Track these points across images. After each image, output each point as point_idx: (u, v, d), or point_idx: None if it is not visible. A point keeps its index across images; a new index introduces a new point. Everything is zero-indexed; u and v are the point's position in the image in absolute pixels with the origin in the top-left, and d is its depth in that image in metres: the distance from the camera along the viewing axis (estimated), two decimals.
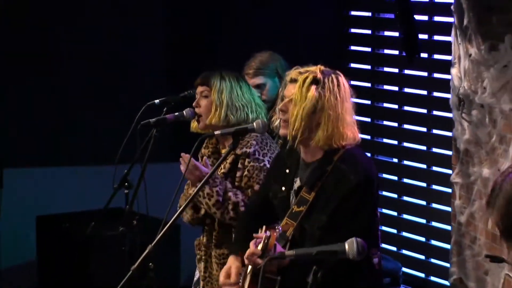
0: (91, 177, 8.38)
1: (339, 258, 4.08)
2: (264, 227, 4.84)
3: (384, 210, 8.57)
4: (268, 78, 6.49)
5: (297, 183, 4.92)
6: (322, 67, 4.91)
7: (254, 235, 4.87)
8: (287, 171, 4.99)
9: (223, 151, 5.68)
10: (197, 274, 6.10)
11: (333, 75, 4.88)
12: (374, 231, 4.96)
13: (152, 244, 4.83)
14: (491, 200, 3.49)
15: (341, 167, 4.80)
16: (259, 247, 4.74)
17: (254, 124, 5.19)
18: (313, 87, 4.81)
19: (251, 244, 4.85)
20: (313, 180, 4.82)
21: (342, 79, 4.91)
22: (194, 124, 5.84)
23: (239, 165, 5.61)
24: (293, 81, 4.88)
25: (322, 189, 4.81)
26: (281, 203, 4.97)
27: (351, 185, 4.77)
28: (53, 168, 8.85)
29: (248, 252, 4.85)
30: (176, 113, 5.86)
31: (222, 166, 5.63)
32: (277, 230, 4.79)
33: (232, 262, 5.09)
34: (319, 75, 4.84)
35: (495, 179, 3.53)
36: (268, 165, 5.56)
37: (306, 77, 4.83)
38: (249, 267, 4.92)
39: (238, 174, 5.62)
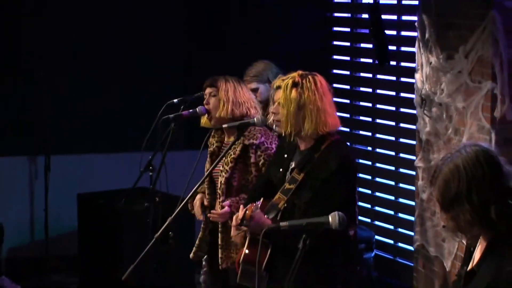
0: (121, 162, 8.35)
1: (324, 228, 4.07)
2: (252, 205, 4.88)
3: (360, 189, 8.54)
4: (261, 84, 6.52)
5: (292, 165, 4.93)
6: (301, 72, 4.93)
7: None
8: (285, 156, 5.00)
9: (229, 140, 5.67)
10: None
11: (309, 76, 4.89)
12: (351, 208, 4.94)
13: (172, 217, 4.82)
14: (433, 180, 3.49)
15: (326, 154, 4.81)
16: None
17: (255, 119, 5.23)
18: (294, 89, 4.83)
19: (239, 212, 4.89)
20: (302, 164, 4.84)
21: (319, 77, 4.92)
22: (203, 120, 5.83)
23: (251, 153, 5.59)
24: (278, 87, 4.91)
25: (310, 171, 4.81)
26: (279, 182, 4.97)
27: (331, 169, 4.78)
28: (90, 155, 8.83)
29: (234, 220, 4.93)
30: (191, 110, 5.85)
31: (232, 152, 5.60)
32: (255, 205, 4.81)
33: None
34: (297, 79, 4.87)
35: (436, 163, 3.53)
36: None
37: (287, 83, 4.85)
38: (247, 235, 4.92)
39: (253, 160, 5.58)
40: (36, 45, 8.67)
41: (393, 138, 8.40)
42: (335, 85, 8.53)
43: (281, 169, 4.98)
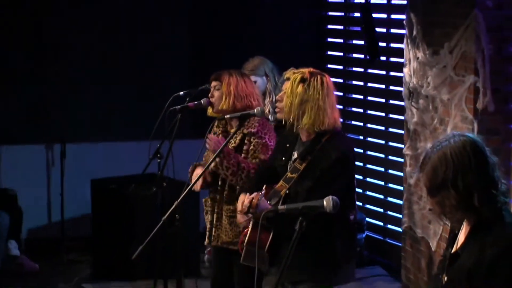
0: (131, 150, 8.35)
1: (318, 211, 4.06)
2: (258, 194, 4.87)
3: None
4: (258, 77, 6.51)
5: (295, 155, 4.91)
6: (312, 69, 4.89)
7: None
8: (288, 145, 4.98)
9: (231, 130, 5.65)
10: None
11: (318, 76, 4.85)
12: (351, 196, 4.95)
13: (178, 201, 4.80)
14: (422, 166, 3.48)
15: (326, 146, 4.79)
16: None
17: (255, 110, 5.23)
18: (301, 85, 4.80)
19: (245, 199, 4.86)
20: (304, 154, 4.82)
21: (327, 78, 4.88)
22: (210, 110, 5.81)
23: (246, 142, 5.59)
24: (288, 79, 4.88)
25: (311, 162, 4.79)
26: (281, 170, 4.94)
27: (331, 160, 4.76)
28: (103, 143, 8.84)
29: (239, 206, 4.88)
30: (196, 102, 5.83)
31: (233, 141, 5.57)
32: (260, 193, 4.80)
33: (244, 197, 5.01)
34: (306, 75, 4.82)
35: (426, 150, 3.53)
36: (268, 141, 5.54)
37: (296, 77, 4.82)
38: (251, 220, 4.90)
39: (245, 148, 5.59)
40: (54, 41, 8.68)
41: (383, 128, 8.40)
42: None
43: (283, 158, 4.97)
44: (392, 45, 8.07)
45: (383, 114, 8.38)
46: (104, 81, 8.80)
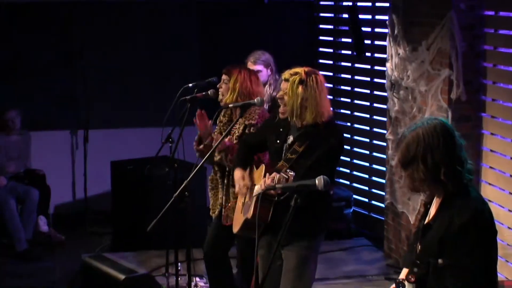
0: (146, 135, 8.34)
1: (311, 189, 4.09)
2: (263, 164, 4.89)
3: (341, 157, 8.55)
4: (264, 67, 6.43)
5: (291, 139, 4.89)
6: (306, 69, 4.87)
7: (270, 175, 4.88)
8: (281, 129, 4.97)
9: (235, 118, 5.65)
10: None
11: (313, 75, 4.84)
12: (333, 174, 4.98)
13: (188, 180, 4.83)
14: (399, 143, 3.52)
15: (323, 132, 4.79)
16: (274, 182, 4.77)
17: (256, 100, 5.22)
18: (300, 86, 4.81)
19: (266, 179, 4.86)
20: (303, 138, 4.82)
21: (320, 77, 4.88)
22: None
23: (247, 132, 5.57)
24: (286, 80, 4.86)
25: (309, 145, 4.79)
26: (276, 152, 4.93)
27: (329, 145, 4.77)
28: (121, 129, 8.84)
29: (261, 184, 4.85)
30: (203, 93, 5.80)
31: (236, 131, 5.55)
32: (291, 174, 4.81)
33: (240, 171, 5.06)
34: (303, 76, 4.82)
35: (402, 131, 3.57)
36: None
37: (295, 79, 4.82)
38: (253, 195, 4.92)
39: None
40: (80, 41, 8.67)
41: (368, 116, 8.41)
42: (321, 72, 8.53)
43: (278, 141, 4.96)
44: (376, 42, 8.06)
45: (368, 103, 8.39)
46: (123, 76, 8.80)
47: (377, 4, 8.08)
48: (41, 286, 6.92)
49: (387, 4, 7.43)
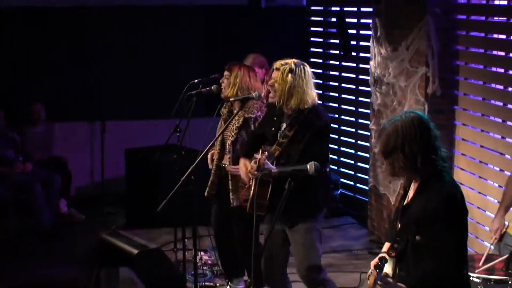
0: (157, 125, 8.36)
1: (303, 174, 4.09)
2: (261, 149, 4.89)
3: (330, 145, 8.55)
4: (258, 68, 6.44)
5: (283, 126, 4.91)
6: (296, 60, 4.89)
7: (254, 155, 4.90)
8: (275, 118, 4.98)
9: (235, 111, 5.65)
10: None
11: (301, 66, 4.87)
12: (327, 154, 4.99)
13: (193, 165, 4.82)
14: (380, 135, 3.51)
15: (309, 117, 4.80)
16: (256, 164, 4.81)
17: (254, 94, 5.20)
18: (289, 75, 4.81)
19: (252, 163, 4.89)
20: (292, 123, 4.83)
21: (307, 67, 4.90)
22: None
23: (251, 124, 5.52)
24: (277, 69, 4.88)
25: (297, 129, 4.81)
26: (272, 139, 4.95)
27: (317, 127, 4.77)
28: (135, 121, 8.83)
29: (249, 167, 4.91)
30: (207, 88, 5.81)
31: (236, 122, 5.56)
32: (265, 154, 4.82)
33: (242, 160, 5.07)
34: (293, 66, 4.84)
35: (384, 123, 3.56)
36: None
37: (285, 68, 4.83)
38: (254, 178, 4.92)
39: (249, 130, 5.57)
40: (97, 42, 8.67)
41: (353, 108, 8.41)
42: (312, 70, 8.52)
43: (273, 128, 4.98)
44: (361, 43, 8.05)
45: (353, 97, 8.39)
46: (136, 74, 8.78)
47: (362, 9, 8.07)
48: (63, 261, 6.92)
49: (370, 9, 7.42)
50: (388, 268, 3.49)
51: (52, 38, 8.57)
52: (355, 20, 8.17)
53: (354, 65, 8.28)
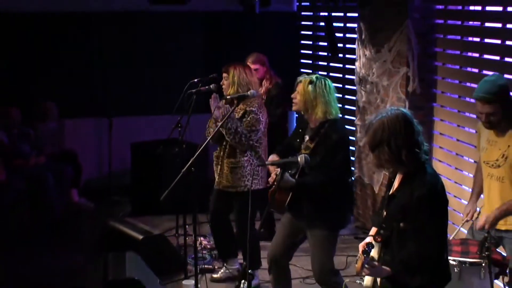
0: (159, 121, 8.33)
1: (297, 166, 4.10)
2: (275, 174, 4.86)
3: None
4: (260, 65, 6.50)
5: (306, 138, 4.89)
6: (318, 75, 4.89)
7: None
8: (300, 130, 4.97)
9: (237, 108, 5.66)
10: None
11: (322, 79, 4.87)
12: (348, 166, 4.90)
13: (193, 158, 4.82)
14: (367, 130, 3.50)
15: (328, 131, 4.77)
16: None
17: (249, 92, 5.21)
18: (310, 86, 4.80)
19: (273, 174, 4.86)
20: (313, 136, 4.81)
21: (328, 81, 4.89)
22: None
23: (246, 116, 5.58)
24: (300, 82, 4.87)
25: (318, 142, 4.78)
26: (297, 148, 4.90)
27: (332, 141, 4.74)
28: (139, 116, 8.82)
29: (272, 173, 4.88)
30: (206, 87, 5.81)
31: (236, 114, 5.57)
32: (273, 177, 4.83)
33: (272, 156, 4.99)
34: (313, 79, 4.84)
35: (370, 119, 3.55)
36: (261, 117, 5.54)
37: (307, 80, 4.84)
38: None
39: (245, 120, 5.57)
40: (106, 46, 8.64)
41: (340, 105, 8.26)
42: (301, 70, 8.55)
43: (298, 140, 4.96)
44: (347, 45, 8.04)
45: (340, 95, 8.35)
46: (140, 73, 8.77)
47: (348, 14, 8.06)
48: (74, 246, 6.91)
49: (356, 14, 7.41)
50: (374, 253, 3.49)
51: (64, 42, 8.54)
52: (341, 25, 8.16)
53: (341, 65, 8.27)
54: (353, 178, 7.62)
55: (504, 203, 4.42)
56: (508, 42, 5.48)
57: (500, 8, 5.57)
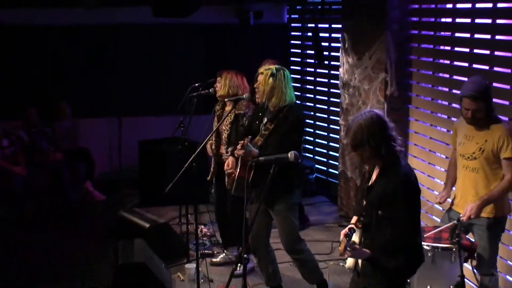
0: (164, 121, 8.32)
1: (285, 161, 4.09)
2: (245, 137, 4.87)
3: (307, 137, 8.56)
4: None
5: (265, 120, 4.88)
6: (277, 66, 4.87)
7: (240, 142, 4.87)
8: (260, 114, 4.97)
9: (228, 108, 5.64)
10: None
11: (281, 70, 4.85)
12: (300, 146, 4.96)
13: (195, 154, 4.81)
14: (347, 132, 3.50)
15: (286, 114, 4.78)
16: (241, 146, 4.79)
17: (244, 95, 5.21)
18: (271, 78, 4.79)
19: (238, 146, 4.85)
20: (272, 119, 4.81)
21: (286, 72, 4.88)
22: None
23: (239, 119, 5.57)
24: (261, 73, 4.86)
25: (277, 124, 4.79)
26: (256, 130, 4.93)
27: (292, 121, 4.74)
28: (146, 117, 8.78)
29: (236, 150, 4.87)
30: (206, 90, 5.81)
31: (229, 118, 5.55)
32: (248, 138, 4.79)
33: (231, 159, 5.05)
34: (274, 71, 4.82)
35: (350, 122, 3.55)
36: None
37: (268, 73, 4.81)
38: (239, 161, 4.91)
39: (241, 123, 5.56)
40: (116, 52, 8.59)
41: (326, 107, 8.39)
42: (292, 75, 8.50)
43: (257, 122, 4.96)
44: (332, 53, 8.05)
45: (326, 98, 8.38)
46: (148, 78, 8.73)
47: (333, 25, 8.06)
48: (87, 234, 6.89)
49: (340, 26, 7.40)
50: (355, 237, 3.50)
51: (82, 51, 8.51)
52: (327, 35, 8.16)
53: (327, 71, 8.27)
54: (304, 161, 7.48)
55: (485, 194, 4.42)
56: (475, 51, 5.50)
57: (468, 20, 5.59)
